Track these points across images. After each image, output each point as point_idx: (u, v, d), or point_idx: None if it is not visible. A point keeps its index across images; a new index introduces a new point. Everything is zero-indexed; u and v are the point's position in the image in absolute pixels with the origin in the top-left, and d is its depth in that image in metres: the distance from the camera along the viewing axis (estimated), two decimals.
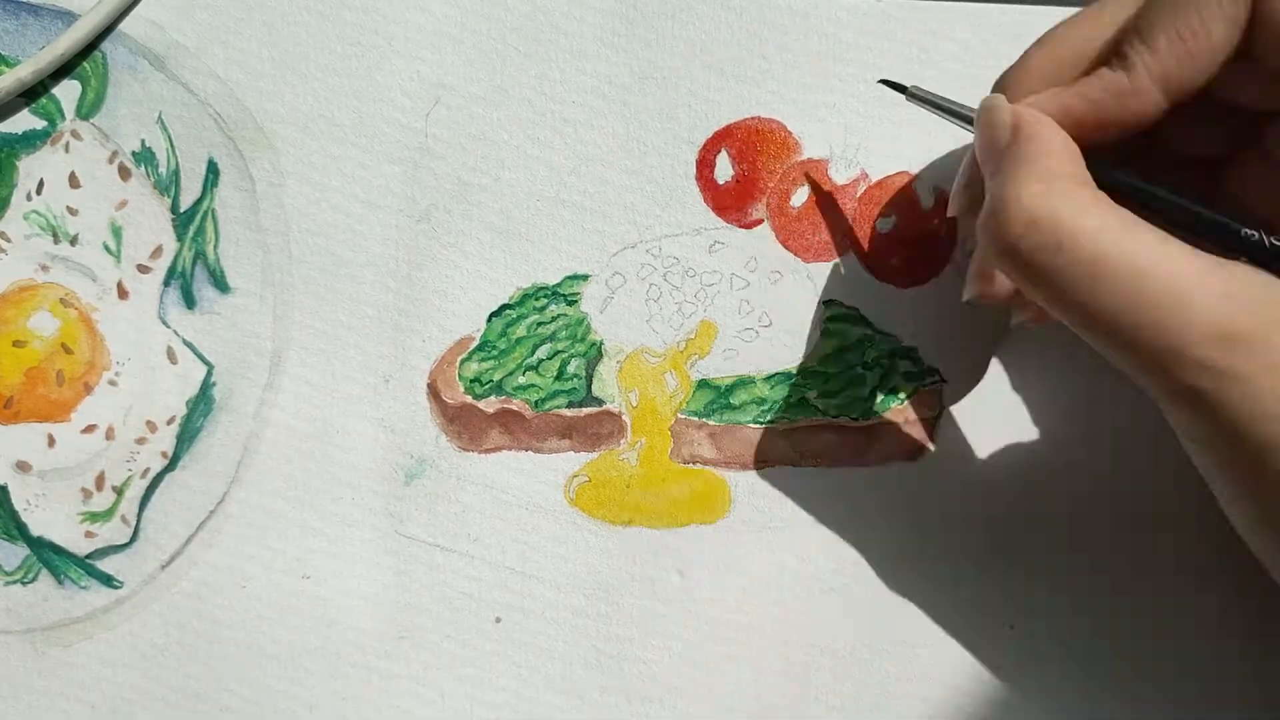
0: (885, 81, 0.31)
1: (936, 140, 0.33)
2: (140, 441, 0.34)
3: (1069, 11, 0.33)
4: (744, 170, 0.34)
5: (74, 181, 0.34)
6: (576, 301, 0.34)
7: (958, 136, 0.33)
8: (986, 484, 0.33)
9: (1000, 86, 0.28)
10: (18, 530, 0.33)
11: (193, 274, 0.34)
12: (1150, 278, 0.23)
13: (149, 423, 0.34)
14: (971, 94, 0.29)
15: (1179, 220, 0.26)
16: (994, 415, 0.34)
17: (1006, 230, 0.24)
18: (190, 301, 0.34)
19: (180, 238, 0.34)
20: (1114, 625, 0.33)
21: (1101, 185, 0.25)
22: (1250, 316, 0.23)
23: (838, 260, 0.34)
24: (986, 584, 0.33)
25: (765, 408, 0.34)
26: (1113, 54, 0.26)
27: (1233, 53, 0.25)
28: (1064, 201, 0.24)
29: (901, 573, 0.34)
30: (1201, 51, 0.25)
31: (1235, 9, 0.25)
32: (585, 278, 0.34)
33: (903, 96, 0.30)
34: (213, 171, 0.34)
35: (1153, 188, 0.26)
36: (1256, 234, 0.25)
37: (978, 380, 0.34)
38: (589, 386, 0.34)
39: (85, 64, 0.33)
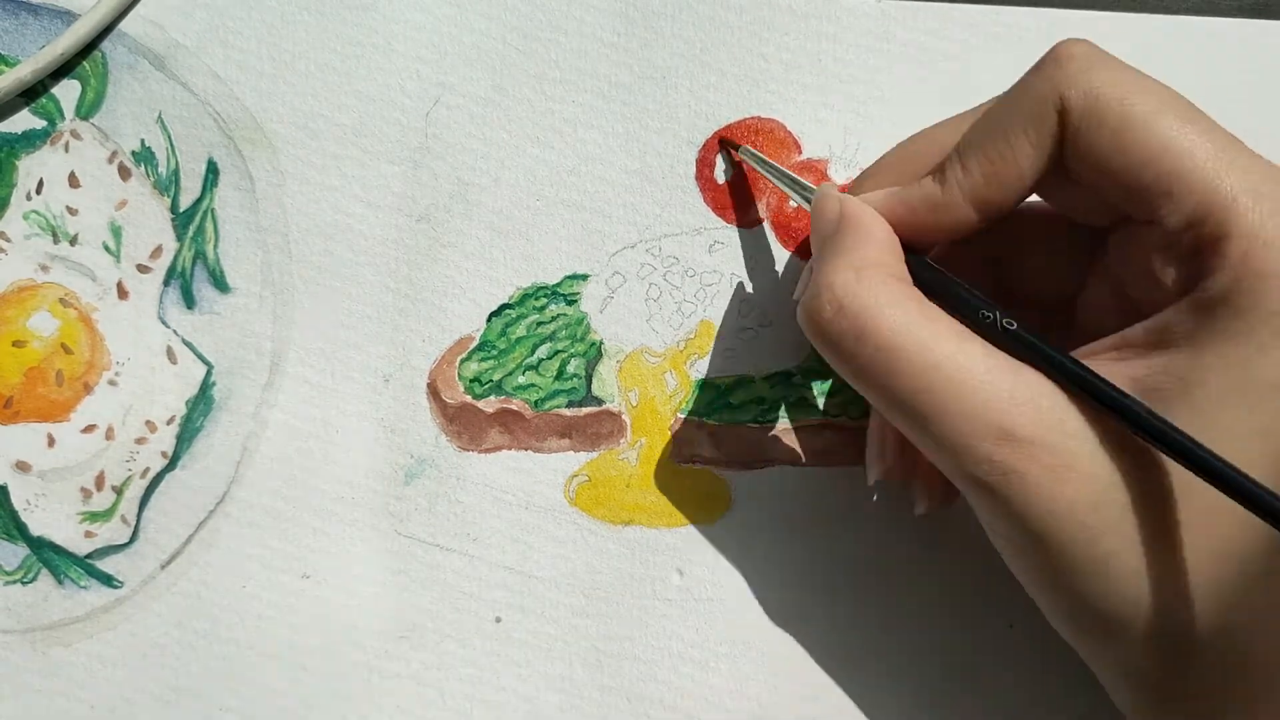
0: (723, 142, 0.33)
1: None
2: (140, 441, 0.34)
3: (1063, 13, 0.33)
4: (744, 170, 0.34)
5: (74, 181, 0.34)
6: (576, 301, 0.34)
7: None
8: None
9: (855, 182, 0.30)
10: (18, 530, 0.33)
11: (192, 274, 0.34)
12: (941, 371, 0.25)
13: (148, 422, 0.34)
14: (970, 98, 0.29)
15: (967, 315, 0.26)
16: None
17: (818, 314, 0.26)
18: (190, 301, 0.34)
19: (180, 237, 0.34)
20: None
21: (919, 280, 0.27)
22: (1033, 418, 0.24)
23: None
24: (986, 583, 0.33)
25: (765, 408, 0.34)
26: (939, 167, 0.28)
27: (1041, 176, 0.26)
28: (871, 290, 0.25)
29: (901, 572, 0.34)
30: (1010, 175, 0.26)
31: (1041, 139, 0.26)
32: (585, 277, 0.34)
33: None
34: (212, 171, 0.34)
35: (949, 280, 0.27)
36: (991, 315, 0.26)
37: None
38: (589, 386, 0.34)
39: (85, 63, 0.33)
